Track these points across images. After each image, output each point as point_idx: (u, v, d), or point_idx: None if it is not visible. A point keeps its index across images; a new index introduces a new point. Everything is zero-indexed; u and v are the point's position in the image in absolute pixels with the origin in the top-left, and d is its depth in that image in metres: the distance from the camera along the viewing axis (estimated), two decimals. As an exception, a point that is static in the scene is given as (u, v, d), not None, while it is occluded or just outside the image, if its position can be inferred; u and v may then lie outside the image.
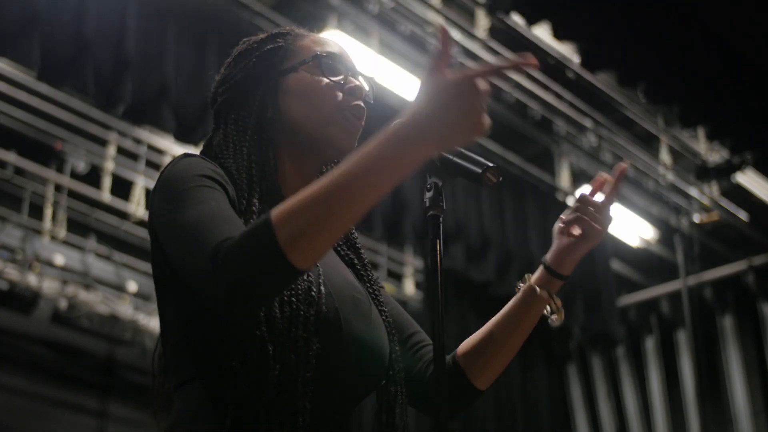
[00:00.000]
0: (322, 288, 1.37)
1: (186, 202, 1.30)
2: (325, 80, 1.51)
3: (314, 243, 1.17)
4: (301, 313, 1.32)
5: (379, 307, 1.51)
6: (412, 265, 7.23)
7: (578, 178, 7.07)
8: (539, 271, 1.68)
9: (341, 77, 1.53)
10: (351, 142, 1.50)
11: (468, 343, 1.67)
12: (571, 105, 6.41)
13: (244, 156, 1.45)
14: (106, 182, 6.10)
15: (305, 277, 1.35)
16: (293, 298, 1.32)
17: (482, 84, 1.16)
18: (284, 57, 1.54)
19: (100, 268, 6.24)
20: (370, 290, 1.53)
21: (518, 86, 6.09)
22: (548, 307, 1.67)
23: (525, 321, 1.65)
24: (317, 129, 1.49)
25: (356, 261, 1.56)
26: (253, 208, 1.38)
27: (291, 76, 1.52)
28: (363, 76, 1.57)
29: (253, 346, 1.29)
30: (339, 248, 1.57)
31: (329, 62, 1.53)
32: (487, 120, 1.17)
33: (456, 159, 1.37)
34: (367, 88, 1.57)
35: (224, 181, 1.39)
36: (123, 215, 6.23)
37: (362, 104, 1.52)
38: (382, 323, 1.49)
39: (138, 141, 6.20)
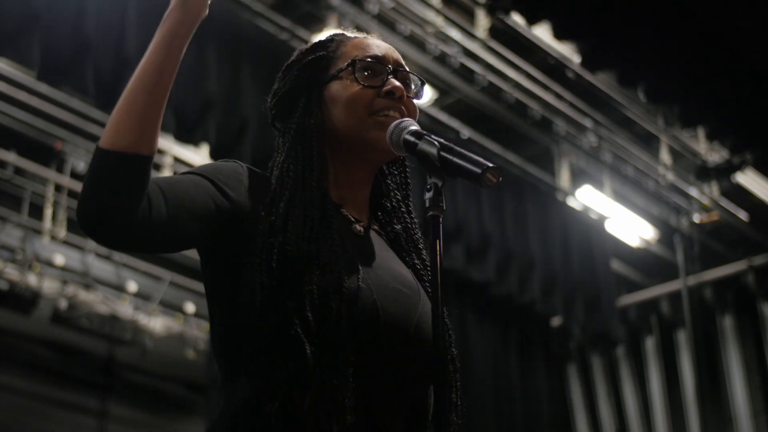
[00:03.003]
0: (361, 283, 1.39)
1: None
2: (359, 86, 1.52)
3: (136, 127, 1.34)
4: (333, 308, 1.34)
5: (439, 311, 1.51)
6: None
7: (578, 178, 7.07)
8: None
9: (379, 79, 1.53)
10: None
11: None
12: (571, 105, 6.41)
13: (278, 168, 1.49)
14: (106, 182, 6.10)
15: (337, 273, 1.37)
16: (324, 298, 1.34)
17: None
18: (327, 66, 1.56)
19: (100, 268, 6.24)
20: (427, 289, 1.53)
21: (518, 86, 6.09)
22: None
23: None
24: (354, 135, 1.51)
25: (417, 261, 1.57)
26: (278, 210, 1.41)
27: (332, 84, 1.54)
28: (409, 72, 1.58)
29: (290, 348, 1.32)
30: (398, 243, 1.58)
31: (364, 67, 1.54)
32: None
33: (456, 159, 1.37)
34: (412, 85, 1.57)
35: (225, 182, 1.44)
36: (123, 215, 6.22)
37: (401, 104, 1.53)
38: (431, 322, 1.47)
39: (138, 141, 6.18)
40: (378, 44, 1.58)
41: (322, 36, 1.65)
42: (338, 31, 1.64)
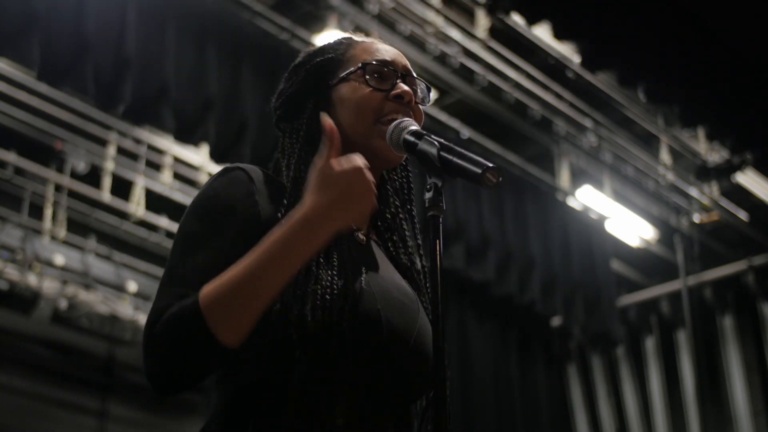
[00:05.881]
0: (364, 286, 1.39)
1: (180, 242, 1.41)
2: (369, 89, 1.51)
3: (239, 321, 1.28)
4: (335, 310, 1.33)
5: (429, 316, 1.51)
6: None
7: (578, 178, 7.07)
8: None
9: (388, 83, 1.52)
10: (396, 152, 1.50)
11: None
12: (571, 105, 6.41)
13: (292, 169, 1.47)
14: (106, 182, 6.10)
15: (342, 275, 1.36)
16: (327, 296, 1.34)
17: (367, 171, 1.33)
18: (335, 68, 1.55)
19: (100, 268, 6.24)
20: (423, 297, 1.53)
21: (518, 86, 6.09)
22: None
23: None
24: (360, 139, 1.49)
25: (410, 266, 1.57)
26: None
27: (340, 86, 1.53)
28: (417, 79, 1.57)
29: (283, 348, 1.32)
30: (396, 253, 1.56)
31: (374, 70, 1.53)
32: (374, 198, 1.34)
33: (456, 159, 1.37)
34: (419, 91, 1.56)
35: (247, 205, 1.40)
36: (123, 215, 6.23)
37: (408, 109, 1.52)
38: (429, 332, 1.48)
39: (138, 141, 6.20)
40: (387, 49, 1.58)
41: (327, 38, 1.65)
42: (346, 34, 1.64)
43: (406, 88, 1.53)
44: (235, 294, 1.27)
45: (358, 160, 1.32)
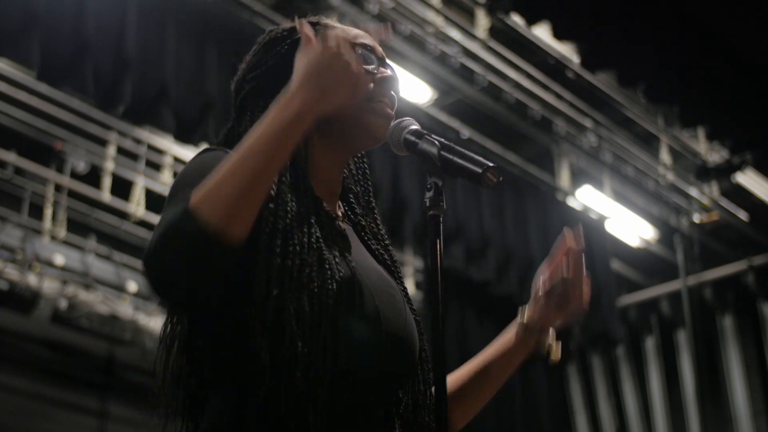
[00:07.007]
0: (363, 289, 1.37)
1: (171, 204, 1.34)
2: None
3: (238, 211, 1.24)
4: (331, 309, 1.32)
5: (410, 305, 1.51)
6: (412, 265, 7.23)
7: (578, 178, 7.08)
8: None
9: (373, 67, 1.51)
10: (385, 130, 1.49)
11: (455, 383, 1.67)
12: (571, 105, 6.41)
13: None
14: (106, 182, 6.10)
15: (339, 273, 1.34)
16: (323, 296, 1.32)
17: (347, 49, 1.33)
18: None
19: (100, 268, 6.24)
20: (401, 286, 1.53)
21: (518, 86, 6.09)
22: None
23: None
24: (351, 116, 1.47)
25: (386, 257, 1.56)
26: (289, 207, 1.36)
27: None
28: (391, 68, 1.56)
29: (282, 344, 1.29)
30: (369, 242, 1.55)
31: (362, 52, 1.51)
32: (360, 78, 1.34)
33: (456, 159, 1.37)
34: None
35: None
36: (123, 215, 6.23)
37: (390, 92, 1.51)
38: (413, 320, 1.48)
39: (138, 141, 6.19)
40: (365, 34, 1.57)
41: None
42: (316, 17, 1.62)
43: (389, 73, 1.52)
44: (227, 185, 1.23)
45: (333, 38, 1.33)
